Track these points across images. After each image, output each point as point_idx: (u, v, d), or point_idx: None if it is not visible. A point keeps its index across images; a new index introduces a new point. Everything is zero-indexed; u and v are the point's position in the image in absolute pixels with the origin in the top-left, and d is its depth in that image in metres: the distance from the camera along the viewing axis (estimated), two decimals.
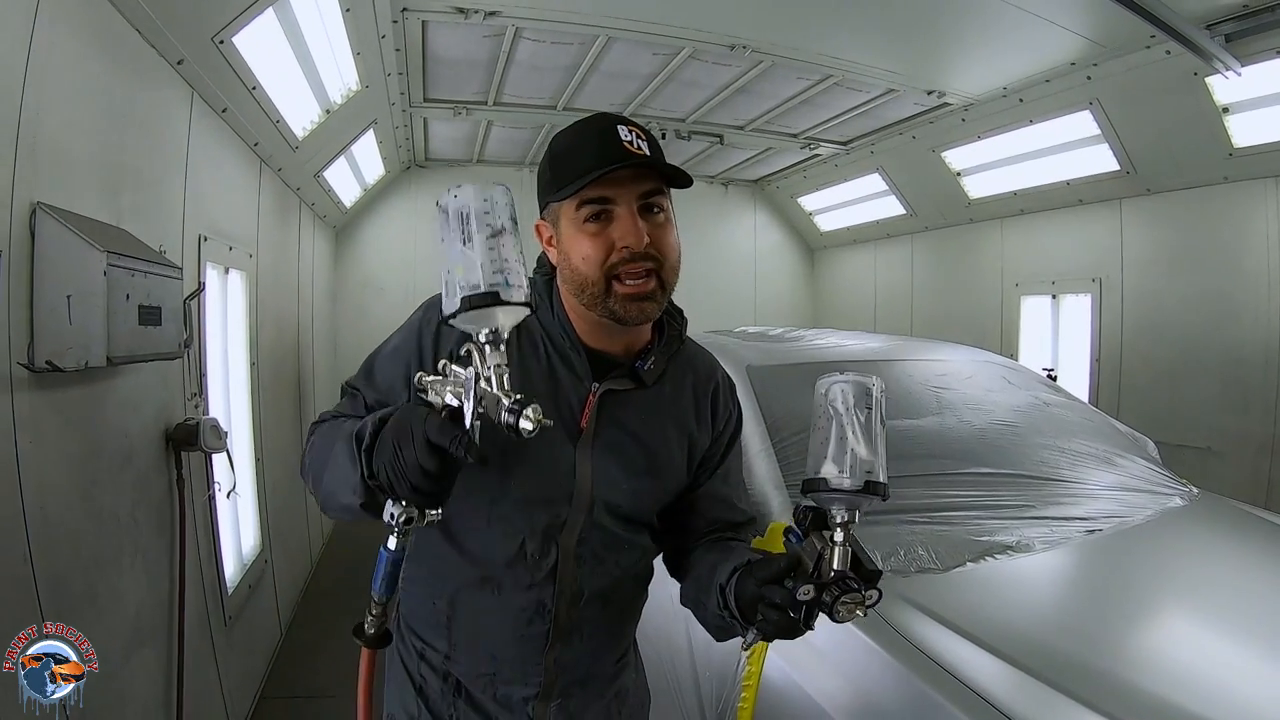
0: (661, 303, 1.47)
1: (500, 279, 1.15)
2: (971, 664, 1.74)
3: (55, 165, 2.22)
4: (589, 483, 1.51)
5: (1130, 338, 5.45)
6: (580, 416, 1.51)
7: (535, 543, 1.50)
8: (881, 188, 7.27)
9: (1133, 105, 4.75)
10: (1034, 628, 1.96)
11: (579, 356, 1.53)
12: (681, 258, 1.49)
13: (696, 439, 1.64)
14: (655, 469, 1.58)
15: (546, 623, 1.53)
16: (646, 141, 1.43)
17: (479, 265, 1.15)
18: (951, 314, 7.05)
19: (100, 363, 2.18)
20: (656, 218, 1.44)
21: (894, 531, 2.22)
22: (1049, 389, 3.36)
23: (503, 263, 1.16)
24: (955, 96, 5.34)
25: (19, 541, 2.00)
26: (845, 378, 1.25)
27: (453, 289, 1.17)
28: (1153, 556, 2.36)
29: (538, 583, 1.52)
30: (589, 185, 1.39)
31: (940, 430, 2.72)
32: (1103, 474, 2.76)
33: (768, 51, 4.65)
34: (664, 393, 1.60)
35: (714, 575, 1.45)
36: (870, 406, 1.23)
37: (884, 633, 1.87)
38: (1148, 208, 5.32)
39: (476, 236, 1.16)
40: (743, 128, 6.41)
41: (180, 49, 2.96)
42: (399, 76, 4.91)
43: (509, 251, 1.17)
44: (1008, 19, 3.99)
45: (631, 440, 1.55)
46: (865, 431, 1.22)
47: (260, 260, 4.55)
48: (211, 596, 3.42)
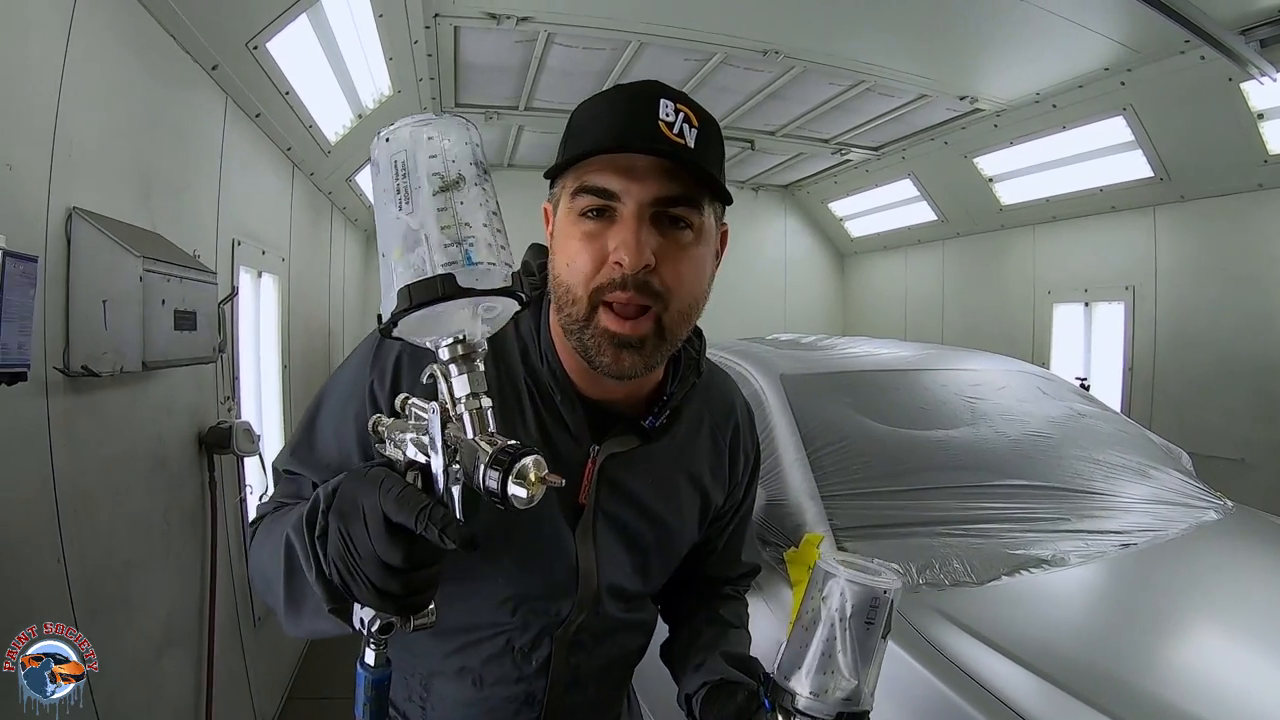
0: (651, 359, 1.10)
1: (458, 253, 0.79)
2: (1006, 679, 1.71)
3: (91, 170, 2.23)
4: (594, 574, 1.23)
5: (1163, 347, 5.36)
6: (579, 489, 1.21)
7: (525, 638, 1.24)
8: (913, 193, 7.20)
9: (1166, 111, 4.67)
10: (1069, 643, 1.92)
11: (574, 411, 1.20)
12: (706, 293, 1.15)
13: (711, 495, 1.37)
14: (666, 542, 1.32)
15: (536, 711, 1.29)
16: (697, 129, 1.06)
17: (424, 236, 0.79)
18: (983, 321, 6.97)
19: (135, 368, 2.20)
20: (677, 235, 1.07)
21: (929, 544, 2.19)
22: (1083, 399, 3.32)
23: (460, 228, 0.80)
24: (988, 102, 5.28)
25: (53, 543, 2.02)
26: (853, 576, 1.03)
27: (387, 282, 0.82)
28: (1188, 572, 2.32)
29: (526, 677, 1.26)
30: (593, 167, 1.05)
31: (974, 441, 2.68)
32: (1137, 486, 2.71)
33: (800, 57, 4.62)
34: (675, 442, 1.30)
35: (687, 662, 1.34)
36: (873, 620, 1.03)
37: (917, 645, 1.84)
38: (1181, 215, 5.24)
39: (418, 193, 0.80)
40: (774, 133, 6.37)
41: (214, 54, 2.98)
42: (431, 81, 4.92)
43: (472, 212, 0.81)
44: (1041, 24, 3.95)
45: (639, 513, 1.27)
46: (858, 649, 1.02)
47: (293, 264, 4.58)
48: (241, 598, 3.45)
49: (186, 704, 2.84)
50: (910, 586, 2.03)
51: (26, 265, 1.75)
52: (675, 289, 1.07)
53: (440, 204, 0.80)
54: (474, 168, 0.83)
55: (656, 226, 1.06)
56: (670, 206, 1.06)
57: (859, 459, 2.48)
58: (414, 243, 0.80)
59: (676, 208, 1.06)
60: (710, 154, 1.09)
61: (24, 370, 1.77)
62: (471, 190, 0.82)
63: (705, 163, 1.06)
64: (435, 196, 0.80)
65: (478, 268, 0.79)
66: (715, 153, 1.11)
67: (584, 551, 1.21)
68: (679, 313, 1.09)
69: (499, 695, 1.27)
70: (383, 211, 0.82)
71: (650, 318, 1.07)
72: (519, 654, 1.24)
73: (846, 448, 2.51)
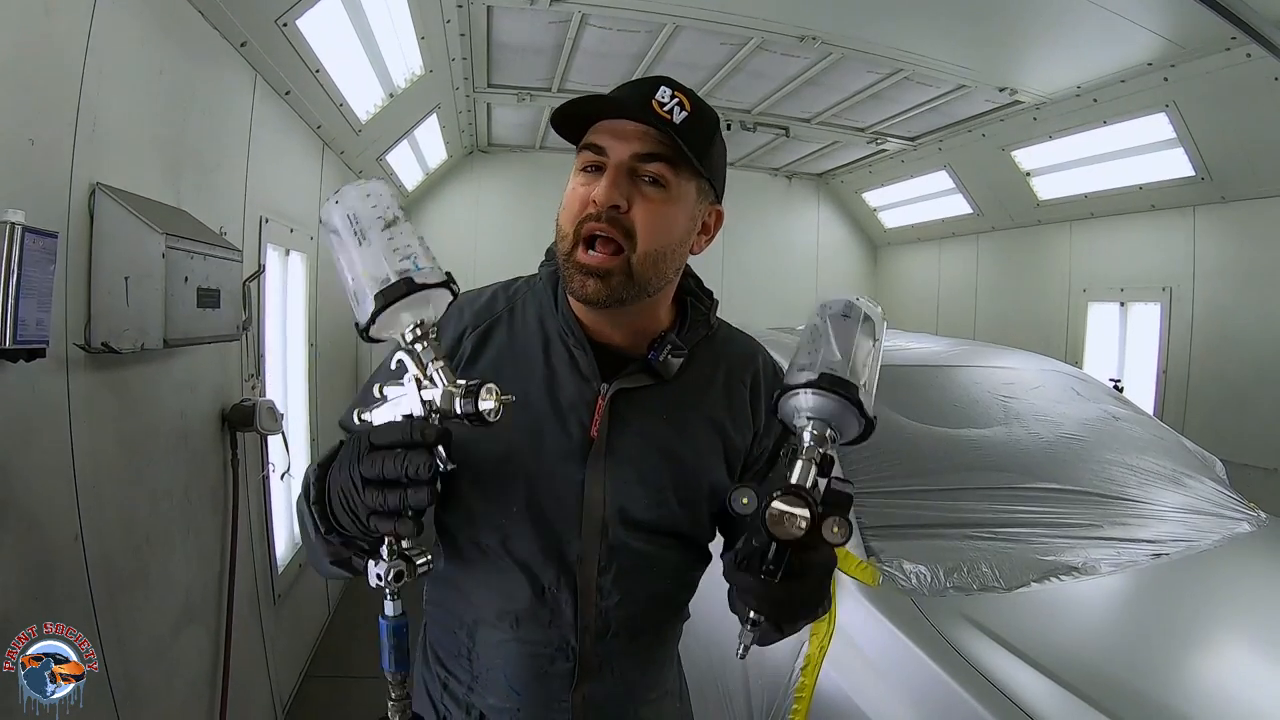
0: (617, 292, 1.25)
1: (409, 264, 1.05)
2: (1031, 690, 1.69)
3: (116, 147, 2.22)
4: (600, 504, 1.31)
5: (1198, 350, 5.25)
6: (590, 425, 1.32)
7: (549, 576, 1.32)
8: (948, 185, 7.09)
9: (1210, 109, 4.55)
10: (1096, 656, 1.89)
11: (584, 353, 1.34)
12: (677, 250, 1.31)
13: (732, 438, 1.41)
14: (681, 475, 1.36)
15: (571, 660, 1.35)
16: (688, 113, 1.24)
17: (383, 259, 1.06)
18: (1016, 318, 6.87)
19: (157, 345, 2.19)
20: (647, 187, 1.25)
21: (957, 546, 2.16)
22: (1117, 402, 3.27)
23: (406, 249, 1.06)
24: (1027, 94, 5.18)
25: (70, 521, 2.02)
26: (837, 296, 1.20)
27: (361, 295, 1.06)
28: (1222, 586, 2.28)
29: (557, 621, 1.33)
30: (595, 131, 1.27)
31: (1007, 441, 2.64)
32: (1170, 494, 2.67)
33: (838, 44, 4.54)
34: (688, 386, 1.39)
35: None
36: (851, 316, 1.15)
37: (943, 651, 1.81)
38: (1222, 216, 5.11)
39: (370, 232, 1.07)
40: (809, 120, 6.27)
41: (244, 31, 2.97)
42: (463, 61, 4.88)
43: (409, 238, 1.08)
44: (1083, 15, 3.85)
45: (651, 446, 1.34)
46: (840, 339, 1.11)
47: (321, 242, 4.56)
48: (262, 575, 3.46)
49: (204, 680, 2.85)
50: (937, 590, 2.01)
51: (47, 241, 1.74)
52: (642, 233, 1.24)
53: (388, 236, 1.07)
54: (401, 211, 1.10)
55: (635, 181, 1.25)
56: (646, 162, 1.24)
57: (889, 456, 2.45)
58: (375, 264, 1.06)
59: (651, 164, 1.24)
60: (694, 134, 1.25)
61: (43, 347, 1.77)
62: (404, 225, 1.09)
63: (684, 137, 1.22)
64: (383, 232, 1.07)
65: (422, 271, 1.06)
66: (700, 134, 1.27)
67: (592, 483, 1.31)
68: (646, 255, 1.26)
69: (535, 640, 1.34)
70: (344, 250, 1.08)
71: (620, 258, 1.25)
72: (548, 596, 1.32)
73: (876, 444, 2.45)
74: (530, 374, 1.34)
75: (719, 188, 1.36)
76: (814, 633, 2.05)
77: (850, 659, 1.98)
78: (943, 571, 2.05)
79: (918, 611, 1.95)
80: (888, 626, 1.93)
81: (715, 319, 1.48)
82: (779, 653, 2.09)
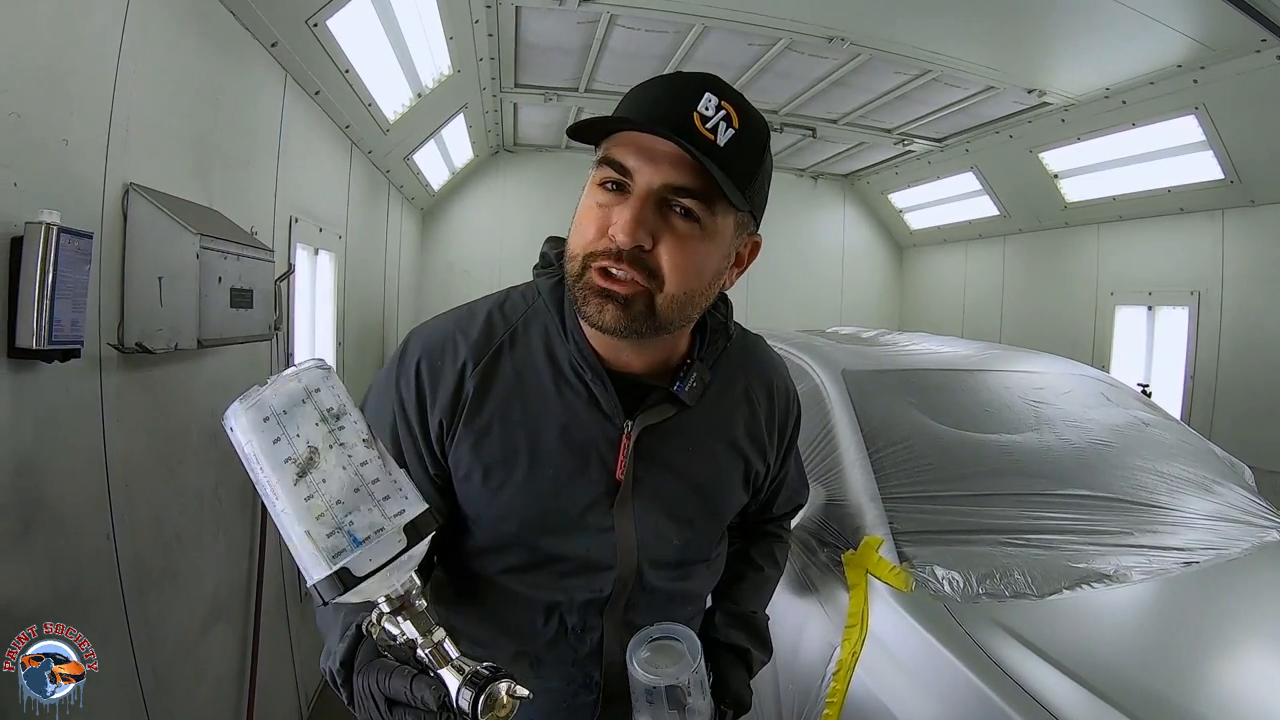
0: (636, 324, 1.09)
1: (343, 539, 0.78)
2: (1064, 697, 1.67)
3: (148, 146, 2.23)
4: (634, 548, 1.24)
5: (1226, 355, 5.20)
6: (615, 466, 1.21)
7: (575, 618, 1.26)
8: (975, 187, 7.05)
9: (1240, 112, 4.50)
10: (1129, 664, 1.87)
11: (605, 388, 1.19)
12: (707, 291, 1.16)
13: (750, 458, 1.35)
14: (709, 507, 1.32)
15: (594, 693, 1.30)
16: (735, 131, 1.04)
17: (306, 532, 0.78)
18: (1042, 321, 6.81)
19: (191, 345, 2.20)
20: (681, 225, 1.07)
21: (990, 553, 2.14)
22: (1147, 408, 3.23)
23: (332, 510, 0.79)
24: (1056, 96, 5.14)
25: (103, 520, 2.04)
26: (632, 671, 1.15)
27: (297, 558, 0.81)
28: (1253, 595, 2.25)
29: (581, 659, 1.28)
30: (619, 142, 1.08)
31: (1038, 447, 2.61)
32: (1200, 501, 2.63)
33: (866, 44, 4.52)
34: (709, 408, 1.29)
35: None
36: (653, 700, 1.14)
37: (975, 658, 1.80)
38: (1251, 220, 5.06)
39: (280, 487, 0.79)
40: (836, 121, 6.25)
41: (274, 31, 2.98)
42: (491, 61, 4.89)
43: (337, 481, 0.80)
44: (1113, 16, 3.82)
45: (677, 480, 1.26)
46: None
47: (349, 241, 4.60)
48: (289, 574, 3.48)
49: (231, 678, 2.87)
50: (970, 596, 1.99)
51: (82, 242, 1.75)
52: (670, 275, 1.07)
53: (304, 492, 0.78)
54: (321, 425, 0.82)
55: (664, 212, 1.07)
56: (679, 196, 1.06)
57: (921, 460, 2.43)
58: (298, 536, 0.78)
59: (685, 199, 1.06)
60: (740, 160, 1.07)
61: (78, 347, 1.78)
62: (330, 455, 0.80)
63: (728, 165, 1.04)
64: (297, 485, 0.78)
65: (367, 545, 0.79)
66: (747, 161, 1.09)
67: (623, 526, 1.23)
68: (672, 298, 1.09)
69: (557, 677, 1.29)
70: (264, 499, 0.81)
71: (644, 291, 1.08)
72: (572, 634, 1.27)
73: (909, 448, 2.47)
74: (543, 414, 1.21)
75: (760, 215, 1.19)
76: (846, 638, 2.05)
77: (883, 664, 1.97)
78: (975, 578, 2.03)
79: (951, 617, 1.93)
80: (920, 632, 1.92)
81: (734, 325, 1.37)
82: (811, 657, 2.09)
